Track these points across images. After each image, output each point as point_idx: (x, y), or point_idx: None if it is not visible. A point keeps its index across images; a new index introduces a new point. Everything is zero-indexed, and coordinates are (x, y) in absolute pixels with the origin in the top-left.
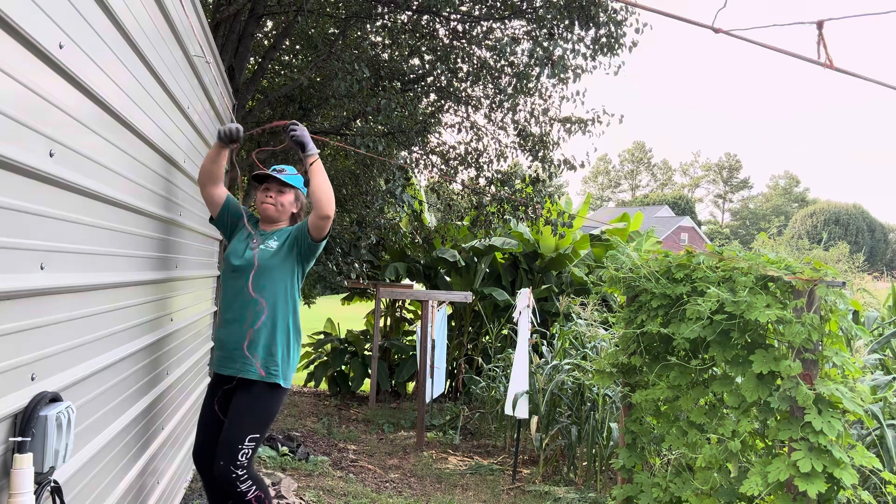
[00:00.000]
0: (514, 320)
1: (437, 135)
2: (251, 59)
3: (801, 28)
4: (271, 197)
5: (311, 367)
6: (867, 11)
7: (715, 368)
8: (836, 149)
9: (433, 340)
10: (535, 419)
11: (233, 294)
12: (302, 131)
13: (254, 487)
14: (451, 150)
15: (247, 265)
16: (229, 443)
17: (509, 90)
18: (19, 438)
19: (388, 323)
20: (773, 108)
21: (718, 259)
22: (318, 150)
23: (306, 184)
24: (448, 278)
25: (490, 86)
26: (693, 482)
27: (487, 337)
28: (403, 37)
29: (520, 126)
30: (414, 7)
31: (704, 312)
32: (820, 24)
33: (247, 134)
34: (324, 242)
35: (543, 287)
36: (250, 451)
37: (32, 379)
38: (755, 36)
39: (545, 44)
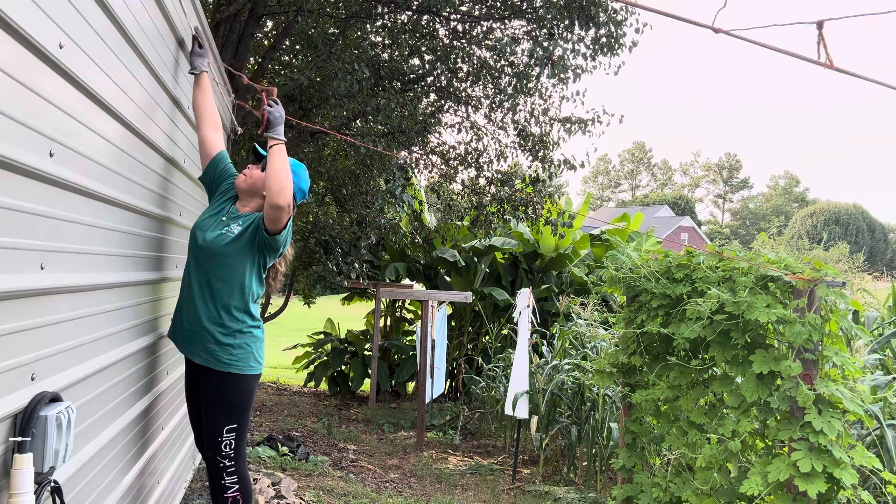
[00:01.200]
0: (514, 320)
1: (437, 135)
2: (251, 59)
3: (801, 28)
4: (248, 169)
5: (311, 367)
6: (867, 11)
7: (715, 368)
8: (836, 149)
9: (433, 340)
10: (535, 419)
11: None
12: (278, 110)
13: (236, 486)
14: (451, 150)
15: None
16: (209, 434)
17: (509, 90)
18: (19, 438)
19: (388, 323)
20: (773, 108)
21: (718, 259)
22: (285, 140)
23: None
24: (448, 278)
25: (490, 86)
26: (693, 482)
27: (487, 337)
28: (403, 37)
29: (520, 126)
30: (414, 7)
31: (704, 312)
32: (820, 24)
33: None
34: (283, 237)
35: (543, 287)
36: (232, 440)
37: (32, 379)
38: (755, 36)
39: (545, 44)
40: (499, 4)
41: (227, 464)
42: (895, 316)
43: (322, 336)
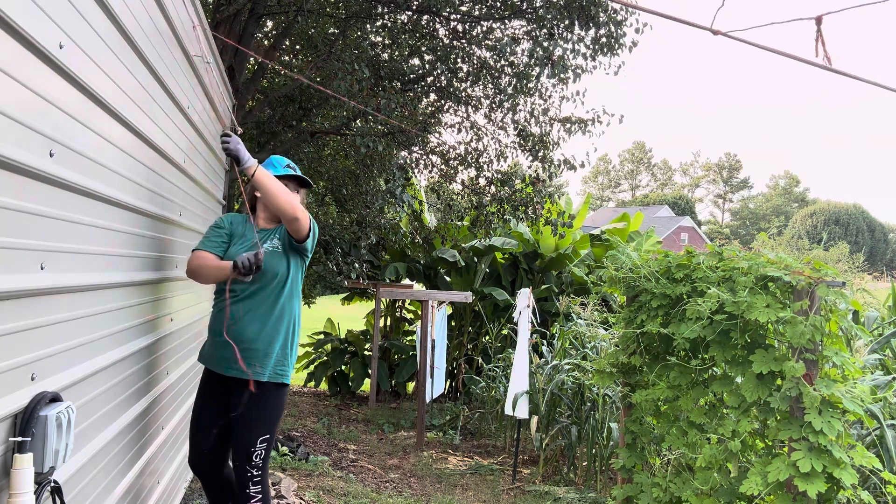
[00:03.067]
0: (514, 320)
1: (437, 135)
2: (251, 59)
3: (801, 26)
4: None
5: (311, 367)
6: (867, 1)
7: (715, 368)
8: (836, 148)
9: (433, 340)
10: (535, 419)
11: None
12: (232, 142)
13: (259, 495)
14: (451, 150)
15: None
16: (242, 445)
17: (509, 90)
18: (19, 438)
19: (388, 323)
20: (773, 108)
21: (718, 259)
22: (256, 162)
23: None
24: (448, 278)
25: (490, 86)
26: (693, 482)
27: (487, 337)
28: (403, 37)
29: (520, 126)
30: (414, 7)
31: (704, 312)
32: (819, 20)
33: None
34: (310, 241)
35: (543, 287)
36: (263, 451)
37: (32, 379)
38: (754, 36)
39: (545, 44)
40: (499, 4)
41: (255, 473)
42: (895, 316)
43: (322, 336)
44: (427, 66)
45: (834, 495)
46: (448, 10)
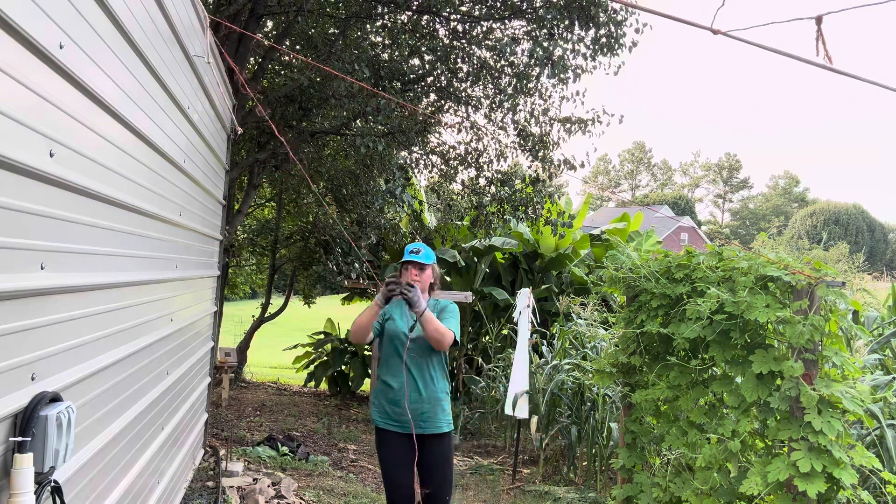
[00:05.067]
0: (514, 320)
1: (437, 135)
2: (251, 59)
3: (801, 25)
4: (416, 275)
5: (312, 367)
6: (868, 1)
7: (715, 368)
8: (836, 148)
9: None
10: (535, 419)
11: (399, 361)
12: (414, 294)
13: None
14: (451, 150)
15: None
16: (441, 497)
17: (509, 90)
18: (19, 438)
19: None
20: (773, 107)
21: (718, 259)
22: (425, 307)
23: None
24: (448, 278)
25: (490, 86)
26: (693, 482)
27: (487, 337)
28: (403, 37)
29: (520, 126)
30: (414, 7)
31: (704, 312)
32: (819, 20)
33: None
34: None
35: (543, 287)
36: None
37: (32, 379)
38: (754, 35)
39: (545, 44)
40: (499, 4)
41: None
42: (895, 316)
43: (322, 336)
44: (427, 66)
45: (834, 495)
46: (448, 10)
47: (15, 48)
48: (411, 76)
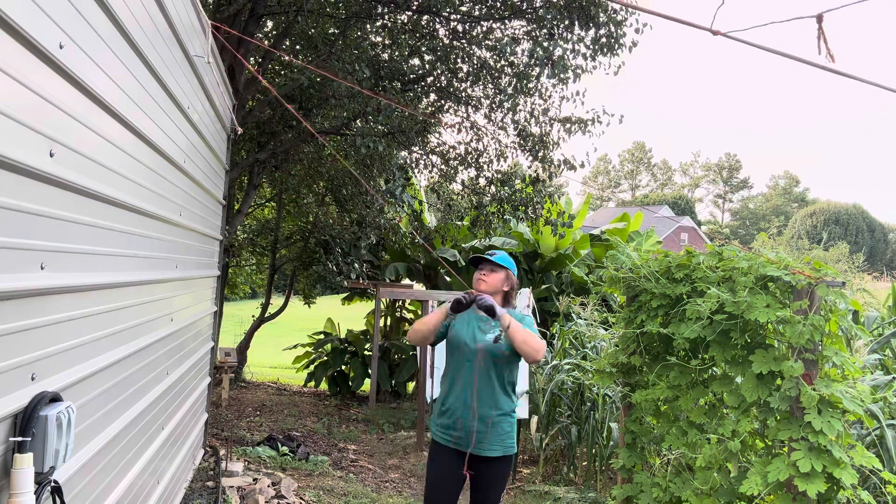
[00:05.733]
0: None
1: (437, 135)
2: (251, 59)
3: (801, 25)
4: (484, 275)
5: (312, 367)
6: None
7: (715, 368)
8: (836, 148)
9: None
10: (535, 419)
11: (459, 373)
12: (486, 301)
13: None
14: (451, 150)
15: (474, 350)
16: None
17: (509, 90)
18: (20, 438)
19: (389, 323)
20: (773, 107)
21: (718, 259)
22: (506, 310)
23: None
24: (448, 278)
25: (490, 86)
26: (693, 482)
27: None
28: (403, 37)
29: (520, 126)
30: (414, 7)
31: (704, 312)
32: (819, 18)
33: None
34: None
35: (543, 287)
36: None
37: (32, 379)
38: (754, 35)
39: (545, 44)
40: (499, 4)
41: None
42: (895, 316)
43: (322, 336)
44: (427, 66)
45: (834, 495)
46: (448, 10)
47: (15, 48)
48: (411, 76)
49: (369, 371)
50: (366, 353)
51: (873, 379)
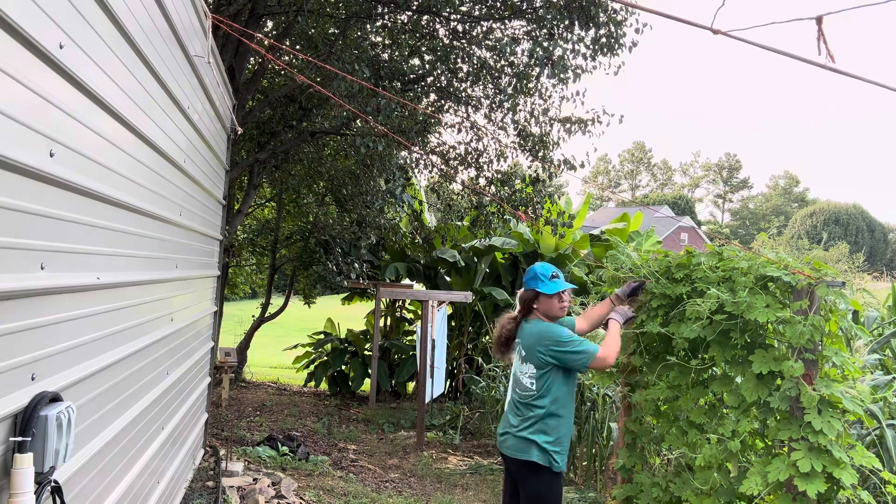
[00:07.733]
0: None
1: (437, 135)
2: (251, 59)
3: (801, 25)
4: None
5: (312, 367)
6: (868, 1)
7: (715, 368)
8: (835, 148)
9: (433, 340)
10: None
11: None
12: (627, 314)
13: None
14: (451, 150)
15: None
16: None
17: (509, 90)
18: (20, 438)
19: (388, 323)
20: (773, 107)
21: (718, 259)
22: (621, 321)
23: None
24: (448, 278)
25: (490, 86)
26: (693, 482)
27: (487, 337)
28: (403, 37)
29: (520, 126)
30: (414, 7)
31: (704, 312)
32: (819, 20)
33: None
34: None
35: None
36: None
37: (32, 379)
38: (754, 35)
39: (545, 44)
40: (499, 4)
41: None
42: (895, 316)
43: (322, 336)
44: (427, 66)
45: (834, 495)
46: (448, 10)
47: (15, 48)
48: (411, 76)
49: (369, 371)
50: (366, 352)
51: (873, 379)
